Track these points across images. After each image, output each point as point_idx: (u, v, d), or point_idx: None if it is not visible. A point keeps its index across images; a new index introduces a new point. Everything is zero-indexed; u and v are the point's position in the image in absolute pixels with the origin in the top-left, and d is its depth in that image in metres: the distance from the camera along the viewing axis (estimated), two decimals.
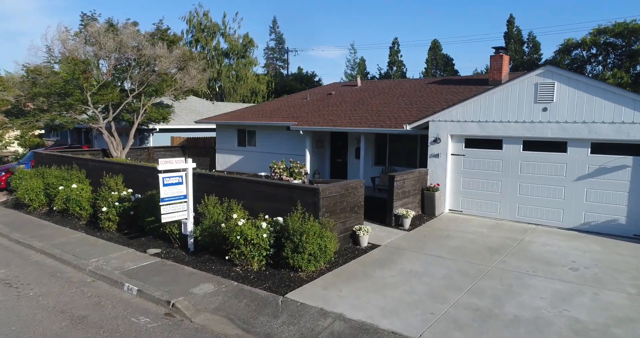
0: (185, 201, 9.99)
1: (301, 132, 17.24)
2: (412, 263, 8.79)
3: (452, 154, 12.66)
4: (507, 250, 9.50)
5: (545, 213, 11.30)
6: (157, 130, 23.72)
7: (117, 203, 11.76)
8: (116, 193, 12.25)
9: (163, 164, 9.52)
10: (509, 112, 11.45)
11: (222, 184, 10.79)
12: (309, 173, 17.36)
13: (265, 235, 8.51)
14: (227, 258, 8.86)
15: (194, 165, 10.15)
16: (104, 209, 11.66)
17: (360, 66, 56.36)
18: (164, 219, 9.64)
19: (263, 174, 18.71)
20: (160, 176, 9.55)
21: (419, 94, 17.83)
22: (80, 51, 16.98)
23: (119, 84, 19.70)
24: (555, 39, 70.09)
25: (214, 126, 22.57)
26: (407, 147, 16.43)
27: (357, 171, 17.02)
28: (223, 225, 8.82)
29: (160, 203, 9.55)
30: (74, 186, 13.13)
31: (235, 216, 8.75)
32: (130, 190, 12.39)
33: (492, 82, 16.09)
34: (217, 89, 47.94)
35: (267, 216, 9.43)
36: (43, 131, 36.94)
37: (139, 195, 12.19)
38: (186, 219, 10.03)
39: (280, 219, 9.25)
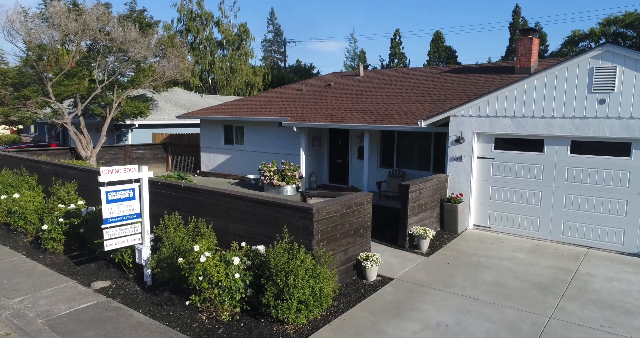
0: (139, 222, 7.67)
1: (295, 128, 14.87)
2: (439, 310, 6.47)
3: (478, 157, 10.31)
4: (562, 288, 7.18)
5: (601, 233, 8.96)
6: (136, 126, 21.34)
7: (61, 219, 9.42)
8: (63, 206, 9.93)
9: (106, 173, 7.18)
10: (554, 106, 9.09)
11: (191, 198, 8.45)
12: (304, 176, 15.02)
13: (237, 275, 6.17)
14: (187, 303, 6.55)
15: (151, 174, 7.80)
16: (45, 227, 9.30)
17: (361, 57, 53.86)
18: (108, 246, 7.32)
19: (252, 177, 16.36)
20: (103, 190, 7.20)
21: (431, 85, 15.44)
22: (37, 34, 14.53)
23: (89, 74, 17.26)
24: (562, 29, 67.55)
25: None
26: (418, 146, 14.08)
27: (360, 174, 14.70)
28: (180, 259, 6.48)
29: (103, 225, 7.22)
30: (16, 195, 10.78)
31: (197, 248, 6.40)
32: (81, 202, 10.05)
33: (519, 70, 13.70)
34: (210, 82, 45.45)
35: (243, 244, 7.12)
36: (21, 127, 34.56)
37: (94, 208, 9.85)
38: (140, 244, 7.72)
39: (261, 248, 6.93)
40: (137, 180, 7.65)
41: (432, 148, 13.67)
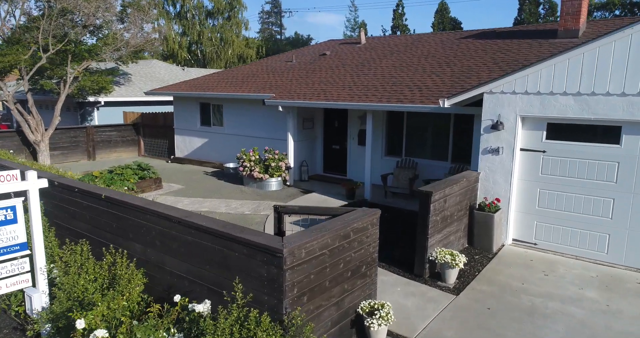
0: (28, 255, 5.07)
1: (280, 108, 12.09)
2: None
3: (522, 150, 7.60)
4: None
5: None
6: (102, 103, 18.50)
7: None
8: None
9: None
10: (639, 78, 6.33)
11: (115, 215, 5.79)
12: (292, 166, 12.33)
13: None
14: None
15: (45, 183, 5.12)
16: None
17: (362, 28, 50.38)
18: None
19: (231, 166, 13.69)
20: None
21: (450, 53, 12.54)
22: None
23: (33, 40, 14.30)
24: None
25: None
26: (433, 130, 11.35)
27: (361, 163, 11.99)
28: None
29: None
30: None
31: (81, 323, 3.76)
32: None
33: (563, 34, 10.82)
34: (199, 55, 42.20)
35: (178, 298, 4.51)
36: None
37: None
38: (32, 287, 5.15)
39: (202, 308, 4.31)
40: (19, 194, 4.99)
41: (451, 132, 10.93)
